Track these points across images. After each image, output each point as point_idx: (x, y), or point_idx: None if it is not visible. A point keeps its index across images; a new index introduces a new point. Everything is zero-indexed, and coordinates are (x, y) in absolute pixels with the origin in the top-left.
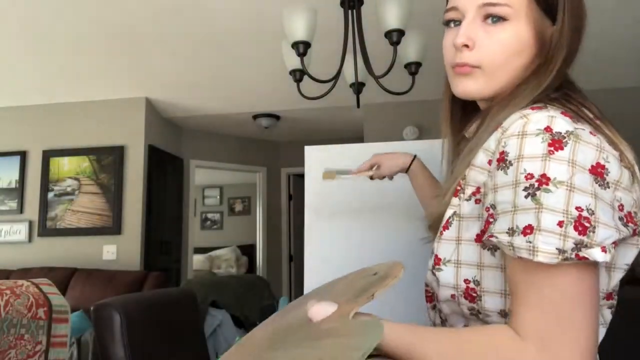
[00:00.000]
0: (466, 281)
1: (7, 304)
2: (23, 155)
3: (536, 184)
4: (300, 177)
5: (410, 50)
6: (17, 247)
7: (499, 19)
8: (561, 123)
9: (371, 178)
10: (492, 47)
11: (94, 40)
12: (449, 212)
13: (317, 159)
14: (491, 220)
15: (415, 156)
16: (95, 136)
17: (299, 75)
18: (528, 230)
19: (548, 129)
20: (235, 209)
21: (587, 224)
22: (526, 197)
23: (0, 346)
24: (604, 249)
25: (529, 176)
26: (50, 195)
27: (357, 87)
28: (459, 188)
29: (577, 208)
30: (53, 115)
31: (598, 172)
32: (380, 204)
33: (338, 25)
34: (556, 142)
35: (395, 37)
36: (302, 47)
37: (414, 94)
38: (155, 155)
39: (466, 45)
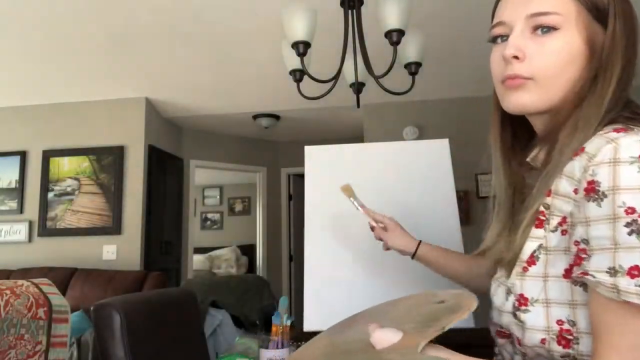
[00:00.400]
0: (559, 322)
1: (7, 304)
2: (23, 155)
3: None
4: (300, 177)
5: (410, 50)
6: (17, 247)
7: (549, 29)
8: None
9: (372, 229)
10: (544, 58)
11: (94, 40)
12: (532, 245)
13: (317, 159)
14: (583, 256)
15: (419, 243)
16: (95, 136)
17: (299, 75)
18: (635, 271)
19: None
20: (235, 209)
21: None
22: (629, 233)
23: (0, 346)
24: None
25: (630, 210)
26: (50, 195)
27: (357, 87)
28: (543, 218)
29: None
30: (53, 115)
31: None
32: (380, 204)
33: (338, 25)
34: None
35: (395, 37)
36: (302, 47)
37: (414, 94)
38: (155, 155)
39: (516, 57)
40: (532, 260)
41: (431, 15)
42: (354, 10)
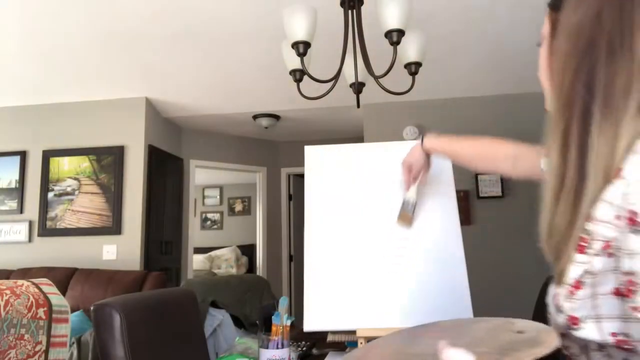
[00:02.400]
0: (613, 334)
1: (7, 304)
2: (23, 155)
3: None
4: (300, 177)
5: (410, 50)
6: (17, 247)
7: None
8: None
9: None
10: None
11: (94, 40)
12: (577, 271)
13: (317, 159)
14: (632, 288)
15: (422, 140)
16: (95, 136)
17: (299, 75)
18: None
19: None
20: (235, 209)
21: None
22: None
23: (1, 346)
24: None
25: None
26: (50, 195)
27: (357, 87)
28: (584, 244)
29: None
30: (53, 115)
31: None
32: (380, 203)
33: (338, 25)
34: None
35: (395, 37)
36: (302, 47)
37: (414, 94)
38: (155, 155)
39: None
40: (579, 285)
41: (431, 15)
42: (354, 10)
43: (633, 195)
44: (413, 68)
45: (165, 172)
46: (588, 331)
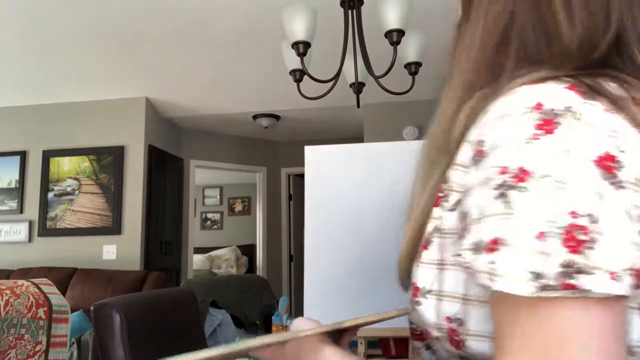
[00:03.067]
0: (448, 319)
1: (7, 304)
2: (23, 155)
3: (510, 181)
4: (300, 177)
5: (410, 50)
6: (17, 247)
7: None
8: (559, 97)
9: None
10: None
11: (94, 40)
12: (428, 228)
13: (317, 159)
14: (464, 232)
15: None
16: (95, 136)
17: (299, 75)
18: (493, 245)
19: (538, 106)
20: (235, 209)
21: (583, 237)
22: (496, 198)
23: (0, 346)
24: (613, 276)
25: (503, 170)
26: (50, 195)
27: (357, 87)
28: (440, 195)
29: (570, 213)
30: (53, 115)
31: (606, 165)
32: (380, 203)
33: (338, 25)
34: (546, 123)
35: (395, 37)
36: (302, 47)
37: (414, 94)
38: (155, 155)
39: None
40: (426, 244)
41: (431, 15)
42: (354, 10)
43: (485, 125)
44: (413, 68)
45: (165, 172)
46: (426, 307)
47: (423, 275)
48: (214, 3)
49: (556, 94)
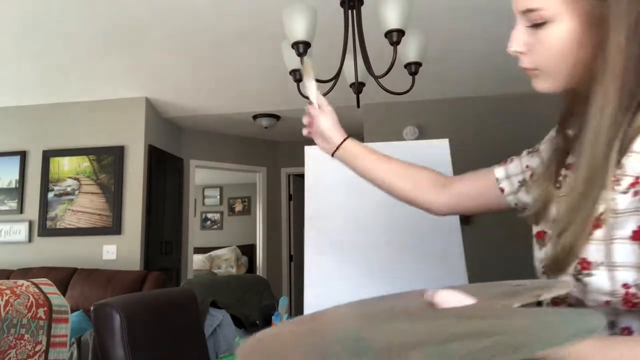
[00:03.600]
0: (625, 286)
1: (7, 304)
2: (23, 155)
3: None
4: (300, 177)
5: (410, 50)
6: (17, 247)
7: (541, 23)
8: None
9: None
10: (542, 50)
11: (94, 40)
12: (599, 209)
13: (317, 159)
14: None
15: (348, 136)
16: (95, 136)
17: (299, 75)
18: None
19: None
20: (235, 209)
21: None
22: None
23: (1, 346)
24: None
25: None
26: (50, 195)
27: (357, 87)
28: (613, 179)
29: None
30: (53, 115)
31: None
32: (380, 203)
33: (338, 25)
34: None
35: (395, 37)
36: (302, 47)
37: (414, 94)
38: (155, 155)
39: (521, 52)
40: (599, 223)
41: (431, 15)
42: (354, 10)
43: None
44: (413, 68)
45: (165, 172)
46: (599, 277)
47: (594, 251)
48: (214, 3)
49: None
